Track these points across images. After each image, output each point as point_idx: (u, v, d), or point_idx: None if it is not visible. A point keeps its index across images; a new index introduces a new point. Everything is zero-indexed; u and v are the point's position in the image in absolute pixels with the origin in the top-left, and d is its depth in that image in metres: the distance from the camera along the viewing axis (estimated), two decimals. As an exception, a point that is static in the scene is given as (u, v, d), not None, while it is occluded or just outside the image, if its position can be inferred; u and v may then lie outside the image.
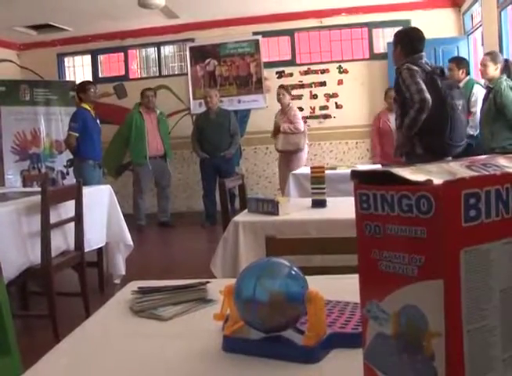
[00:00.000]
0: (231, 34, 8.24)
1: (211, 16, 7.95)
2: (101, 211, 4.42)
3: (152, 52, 8.80)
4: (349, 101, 8.10)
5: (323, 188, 3.02)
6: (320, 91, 8.19)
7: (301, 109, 7.59)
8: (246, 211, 2.96)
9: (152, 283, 1.29)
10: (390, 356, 0.60)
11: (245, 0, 7.24)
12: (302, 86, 8.19)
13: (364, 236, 0.62)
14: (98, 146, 6.31)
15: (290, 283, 0.91)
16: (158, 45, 8.63)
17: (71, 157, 7.53)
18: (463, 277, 0.55)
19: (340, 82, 8.13)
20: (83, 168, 6.06)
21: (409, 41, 4.07)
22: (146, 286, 1.23)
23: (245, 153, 8.28)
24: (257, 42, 8.25)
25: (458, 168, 0.60)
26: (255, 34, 8.24)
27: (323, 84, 8.17)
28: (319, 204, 3.00)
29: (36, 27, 7.80)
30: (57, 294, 3.78)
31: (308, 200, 3.11)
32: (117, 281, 4.67)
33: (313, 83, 8.19)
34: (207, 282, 1.25)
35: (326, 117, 8.21)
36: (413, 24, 7.69)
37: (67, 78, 8.92)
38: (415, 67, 3.90)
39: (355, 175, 0.63)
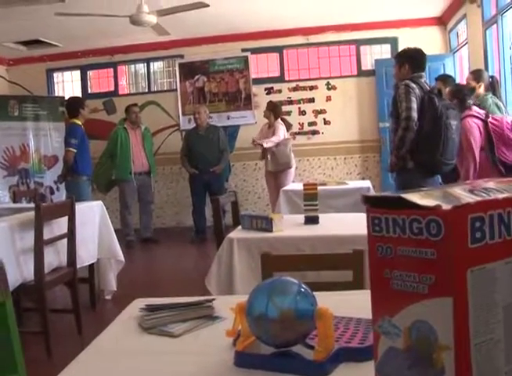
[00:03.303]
0: (220, 51, 8.33)
1: (201, 33, 8.03)
2: (93, 227, 4.43)
3: (141, 68, 8.86)
4: (337, 117, 8.19)
5: (316, 205, 3.07)
6: (309, 107, 8.29)
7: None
8: (239, 227, 3.00)
9: (157, 301, 1.32)
10: (401, 369, 0.64)
11: (234, 17, 7.32)
12: (291, 102, 8.28)
13: (376, 257, 0.66)
14: (90, 162, 6.34)
15: (299, 300, 0.95)
16: (147, 60, 8.70)
17: (60, 172, 7.57)
18: (471, 294, 0.60)
19: (328, 98, 8.23)
20: (78, 184, 6.07)
21: (417, 60, 4.18)
22: (153, 303, 1.26)
23: (234, 168, 8.33)
24: (246, 59, 8.34)
25: (462, 193, 0.65)
26: (244, 50, 8.34)
27: (312, 100, 8.27)
28: (311, 220, 3.05)
29: (25, 43, 7.82)
30: (49, 310, 3.79)
31: (301, 217, 3.15)
32: (109, 297, 4.68)
33: (302, 99, 8.28)
34: (213, 299, 1.28)
35: (315, 133, 8.30)
36: (400, 42, 7.88)
37: (56, 94, 8.94)
38: (413, 85, 4.00)
39: (367, 199, 0.68)
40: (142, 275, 5.91)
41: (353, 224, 3.15)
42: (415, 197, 0.63)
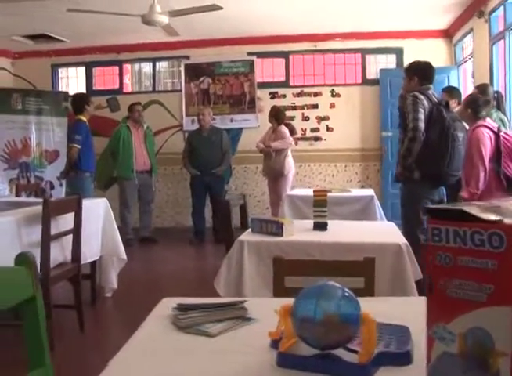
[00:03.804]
0: (226, 54, 8.37)
1: (207, 35, 8.06)
2: (97, 224, 4.44)
3: (147, 67, 8.88)
4: (340, 125, 8.24)
5: (325, 211, 3.10)
6: (312, 113, 8.33)
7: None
8: (249, 230, 3.02)
9: (187, 301, 1.34)
10: (456, 372, 0.68)
11: (241, 20, 7.36)
12: (295, 108, 8.32)
13: (435, 265, 0.70)
14: (94, 159, 6.36)
15: (344, 305, 0.99)
16: (153, 60, 8.72)
17: (62, 168, 7.58)
18: (529, 304, 0.63)
19: (332, 106, 8.28)
20: (81, 180, 6.10)
21: (426, 73, 4.24)
22: (184, 303, 1.29)
23: (235, 171, 8.36)
24: (251, 62, 8.38)
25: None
26: (250, 54, 8.38)
27: (315, 106, 8.31)
28: (320, 226, 3.08)
29: (32, 37, 7.83)
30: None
31: (309, 222, 3.18)
32: (109, 295, 4.69)
33: (305, 105, 8.33)
34: (245, 301, 1.31)
35: (317, 139, 8.34)
36: (406, 52, 7.95)
37: (60, 89, 8.95)
38: (421, 96, 4.06)
39: (428, 211, 0.71)
40: (142, 274, 5.92)
41: (361, 232, 3.20)
42: (475, 211, 0.66)
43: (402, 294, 2.59)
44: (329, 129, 8.31)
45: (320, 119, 8.32)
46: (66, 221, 3.84)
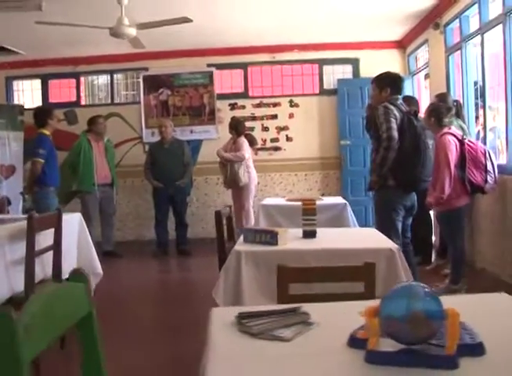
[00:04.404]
0: (185, 65, 8.39)
1: (166, 47, 8.05)
2: (72, 239, 4.38)
3: (104, 79, 8.79)
4: (299, 134, 8.38)
5: (314, 219, 3.17)
6: (271, 124, 8.44)
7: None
8: (241, 240, 3.06)
9: (242, 309, 1.38)
10: None
11: (200, 32, 7.39)
12: (254, 118, 8.41)
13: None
14: (58, 173, 6.25)
15: (429, 302, 1.07)
16: (111, 72, 8.65)
17: (20, 183, 7.40)
18: None
19: (291, 116, 8.42)
20: (46, 194, 5.99)
21: (397, 84, 4.39)
22: (247, 311, 1.33)
23: (196, 182, 8.36)
24: (211, 74, 8.43)
25: None
26: (209, 66, 8.43)
27: (275, 117, 8.43)
28: (310, 234, 3.15)
29: (-14, 49, 7.64)
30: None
31: (297, 231, 3.25)
32: (84, 310, 4.61)
33: (265, 116, 8.44)
34: (300, 307, 1.36)
35: (277, 149, 8.46)
36: (362, 63, 8.19)
37: (15, 102, 8.74)
38: (392, 107, 4.20)
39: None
40: (113, 288, 5.84)
41: (349, 238, 3.30)
42: None
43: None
44: (288, 139, 8.44)
45: (280, 129, 8.44)
46: (46, 237, 3.78)
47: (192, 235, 7.87)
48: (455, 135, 4.71)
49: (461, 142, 4.71)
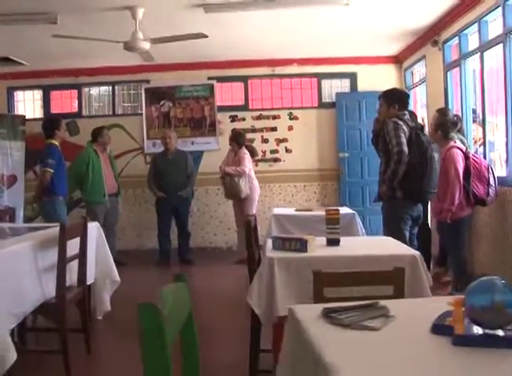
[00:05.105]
0: (186, 78, 8.55)
1: (168, 60, 8.20)
2: (91, 247, 4.50)
3: (106, 90, 8.91)
4: (298, 146, 8.58)
5: (338, 228, 3.33)
6: (271, 136, 8.64)
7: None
8: (270, 247, 3.21)
9: (325, 306, 1.54)
10: None
11: (201, 45, 7.55)
12: (254, 130, 8.60)
13: None
14: (66, 182, 6.36)
15: (507, 294, 1.28)
16: (113, 84, 8.78)
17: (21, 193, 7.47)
18: None
19: (290, 128, 8.61)
20: (55, 204, 6.07)
21: (404, 101, 4.61)
22: (331, 307, 1.49)
23: (197, 193, 8.49)
24: (211, 87, 8.61)
25: None
26: (210, 78, 8.60)
27: (274, 129, 8.63)
28: (333, 242, 3.31)
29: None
30: (54, 329, 3.83)
31: (320, 239, 3.40)
32: (100, 317, 4.72)
33: (264, 128, 8.63)
34: (378, 302, 1.53)
35: (276, 160, 8.64)
36: (359, 77, 8.40)
37: (16, 112, 8.83)
38: (400, 122, 4.41)
39: None
40: (125, 296, 5.92)
41: (369, 245, 3.47)
42: None
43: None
44: (287, 151, 8.63)
45: (279, 141, 8.63)
46: (71, 246, 3.90)
47: (192, 244, 8.00)
48: (460, 149, 4.92)
49: (466, 155, 4.92)
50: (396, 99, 4.65)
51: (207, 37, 5.35)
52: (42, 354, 3.85)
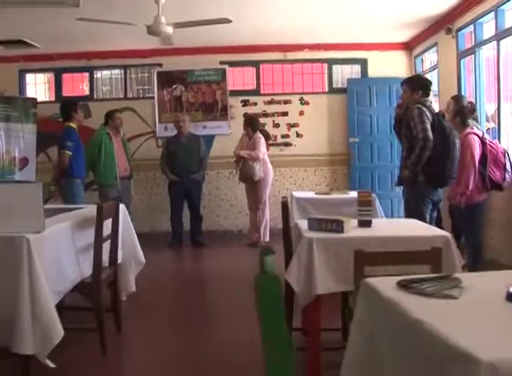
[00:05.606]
0: (199, 62, 8.60)
1: (180, 44, 8.22)
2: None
3: (118, 73, 8.94)
4: (309, 131, 8.67)
5: (369, 210, 3.43)
6: (282, 120, 8.72)
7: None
8: (306, 228, 3.30)
9: (399, 278, 1.64)
10: None
11: (214, 30, 7.58)
12: (266, 115, 8.67)
13: None
14: (84, 165, 6.43)
15: None
16: (125, 67, 8.81)
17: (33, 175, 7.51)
18: None
19: (301, 113, 8.69)
20: (73, 186, 6.15)
21: (428, 88, 4.69)
22: (406, 279, 1.60)
23: (208, 176, 8.57)
24: (224, 71, 8.66)
25: None
26: (222, 63, 8.65)
27: (285, 114, 8.70)
28: (365, 224, 3.41)
29: (6, 42, 7.74)
30: (86, 309, 3.92)
31: (353, 221, 3.50)
32: (124, 298, 4.81)
33: (276, 113, 8.70)
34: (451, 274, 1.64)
35: (287, 145, 8.73)
36: (370, 63, 8.47)
37: (28, 95, 8.85)
38: (424, 108, 4.50)
39: None
40: (146, 278, 6.02)
41: (400, 227, 3.57)
42: None
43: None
44: (298, 135, 8.72)
45: (290, 126, 8.71)
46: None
47: (203, 227, 8.08)
48: (477, 135, 5.02)
49: (482, 141, 5.02)
50: (420, 85, 4.73)
51: (230, 22, 5.39)
52: (76, 332, 3.93)
